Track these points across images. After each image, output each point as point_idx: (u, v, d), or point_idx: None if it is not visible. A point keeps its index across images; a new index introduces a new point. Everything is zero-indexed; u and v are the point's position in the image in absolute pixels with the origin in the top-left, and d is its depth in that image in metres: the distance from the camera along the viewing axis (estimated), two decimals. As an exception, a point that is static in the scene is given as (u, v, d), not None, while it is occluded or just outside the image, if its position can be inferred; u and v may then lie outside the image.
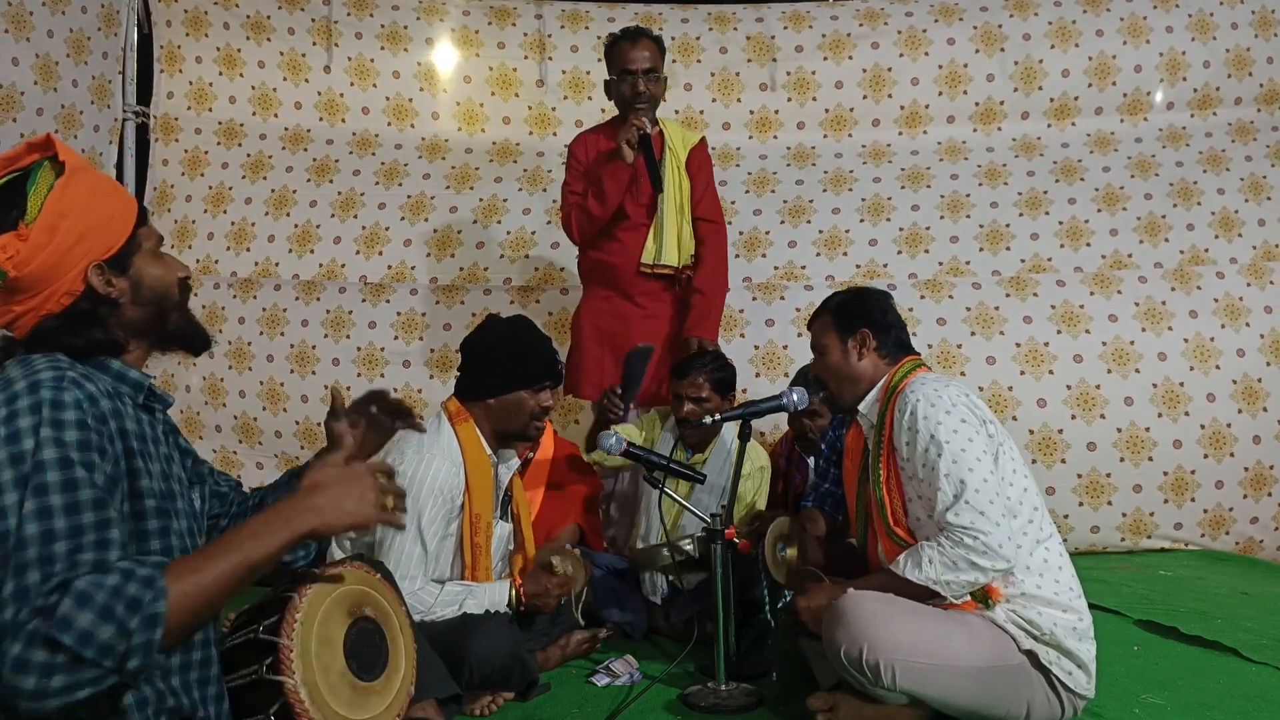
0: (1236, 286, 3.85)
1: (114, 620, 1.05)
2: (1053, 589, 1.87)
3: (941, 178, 4.22)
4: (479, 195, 4.25)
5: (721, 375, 2.85)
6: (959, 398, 1.96)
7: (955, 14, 4.33)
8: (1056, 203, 4.10)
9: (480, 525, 2.23)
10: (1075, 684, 1.84)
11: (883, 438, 2.02)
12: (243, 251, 4.13)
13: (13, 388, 1.15)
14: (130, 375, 1.30)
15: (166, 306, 1.34)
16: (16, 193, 1.22)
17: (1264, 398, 3.73)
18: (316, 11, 4.25)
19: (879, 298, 2.23)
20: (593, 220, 3.13)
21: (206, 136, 4.19)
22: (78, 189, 1.25)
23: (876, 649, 1.76)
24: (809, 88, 4.36)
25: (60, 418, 1.13)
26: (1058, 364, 3.80)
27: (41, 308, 1.24)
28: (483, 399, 2.28)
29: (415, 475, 2.15)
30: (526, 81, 4.36)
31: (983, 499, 1.84)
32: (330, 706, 1.27)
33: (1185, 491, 3.69)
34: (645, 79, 3.06)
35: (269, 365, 4.00)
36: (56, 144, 1.26)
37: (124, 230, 1.29)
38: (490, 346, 2.32)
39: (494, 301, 4.09)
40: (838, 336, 2.16)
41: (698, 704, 2.15)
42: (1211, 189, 4.05)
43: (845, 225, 4.15)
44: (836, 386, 2.19)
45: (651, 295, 3.18)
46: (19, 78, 3.35)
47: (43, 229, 1.21)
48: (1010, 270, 4.01)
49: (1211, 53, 4.20)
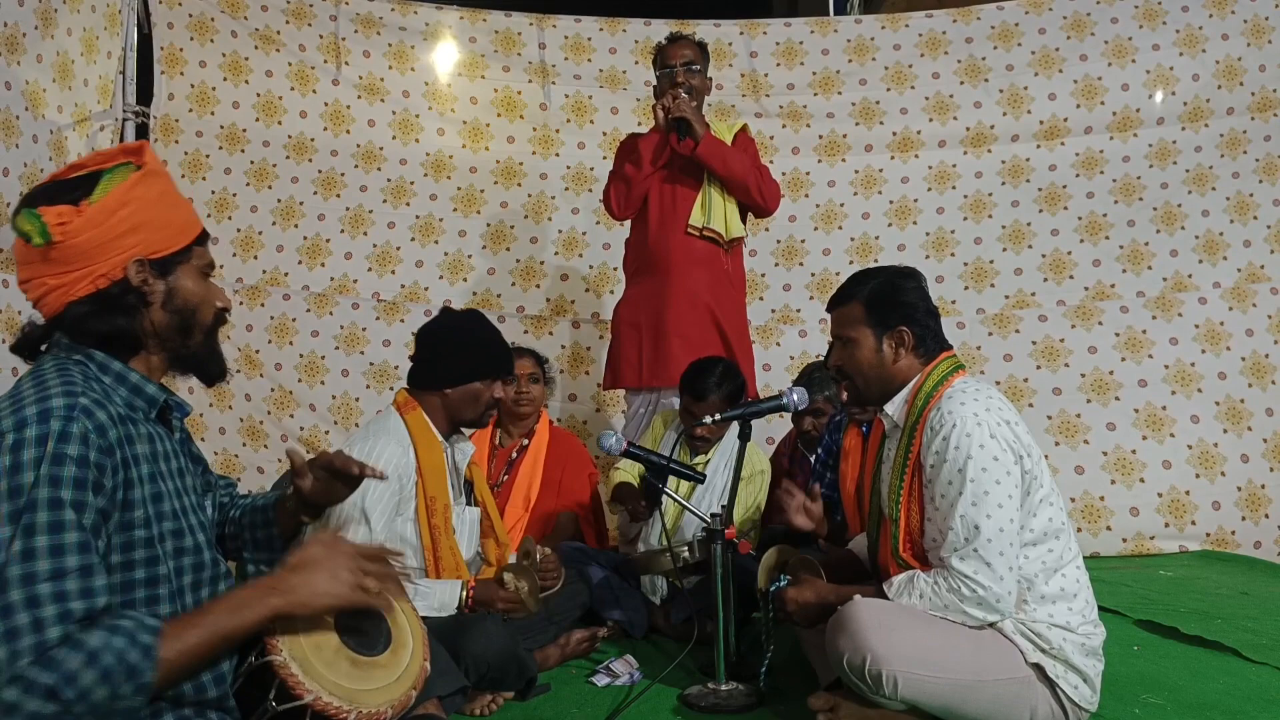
0: (1219, 311, 3.93)
1: (110, 684, 1.09)
2: (1065, 617, 1.82)
3: (928, 212, 4.30)
4: (486, 220, 4.34)
5: (733, 390, 2.85)
6: (998, 427, 1.81)
7: (941, 45, 4.42)
8: (1039, 235, 4.19)
9: (437, 508, 2.21)
10: (1080, 698, 1.82)
11: (910, 452, 1.90)
12: (250, 259, 4.18)
13: (23, 411, 1.16)
14: (147, 390, 1.31)
15: (193, 323, 1.36)
16: (93, 179, 1.27)
17: (1248, 418, 3.79)
18: (324, 28, 4.33)
19: (916, 286, 2.01)
20: (629, 184, 3.23)
21: (208, 140, 4.23)
22: (147, 188, 1.29)
23: (880, 659, 1.73)
24: (801, 117, 4.42)
25: (63, 452, 1.14)
26: (1038, 398, 3.89)
27: (74, 286, 1.25)
28: (440, 389, 2.30)
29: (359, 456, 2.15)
30: (530, 104, 4.45)
31: (993, 550, 1.75)
32: (327, 677, 1.26)
33: (1184, 514, 3.73)
34: (684, 70, 3.18)
35: (277, 373, 4.05)
36: (147, 151, 1.32)
37: (178, 240, 1.33)
38: (447, 338, 2.33)
39: (509, 330, 4.12)
40: (872, 331, 1.97)
41: (698, 704, 2.14)
42: (1196, 211, 4.11)
43: (836, 268, 4.24)
44: (863, 383, 2.01)
45: (687, 271, 3.19)
46: (41, 76, 3.39)
47: (100, 209, 1.24)
48: (994, 307, 4.11)
49: (1201, 65, 4.23)
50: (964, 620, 1.78)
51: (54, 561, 1.11)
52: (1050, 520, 1.85)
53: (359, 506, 2.10)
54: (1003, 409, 1.86)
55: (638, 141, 3.30)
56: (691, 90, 3.19)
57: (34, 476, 1.12)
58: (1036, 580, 1.82)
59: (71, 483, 1.14)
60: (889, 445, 2.04)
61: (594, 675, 2.36)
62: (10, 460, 1.13)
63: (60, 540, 1.12)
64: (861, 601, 1.85)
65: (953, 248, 4.22)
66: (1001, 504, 1.77)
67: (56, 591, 1.11)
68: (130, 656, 1.11)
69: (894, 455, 1.97)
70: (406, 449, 2.23)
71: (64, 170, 1.32)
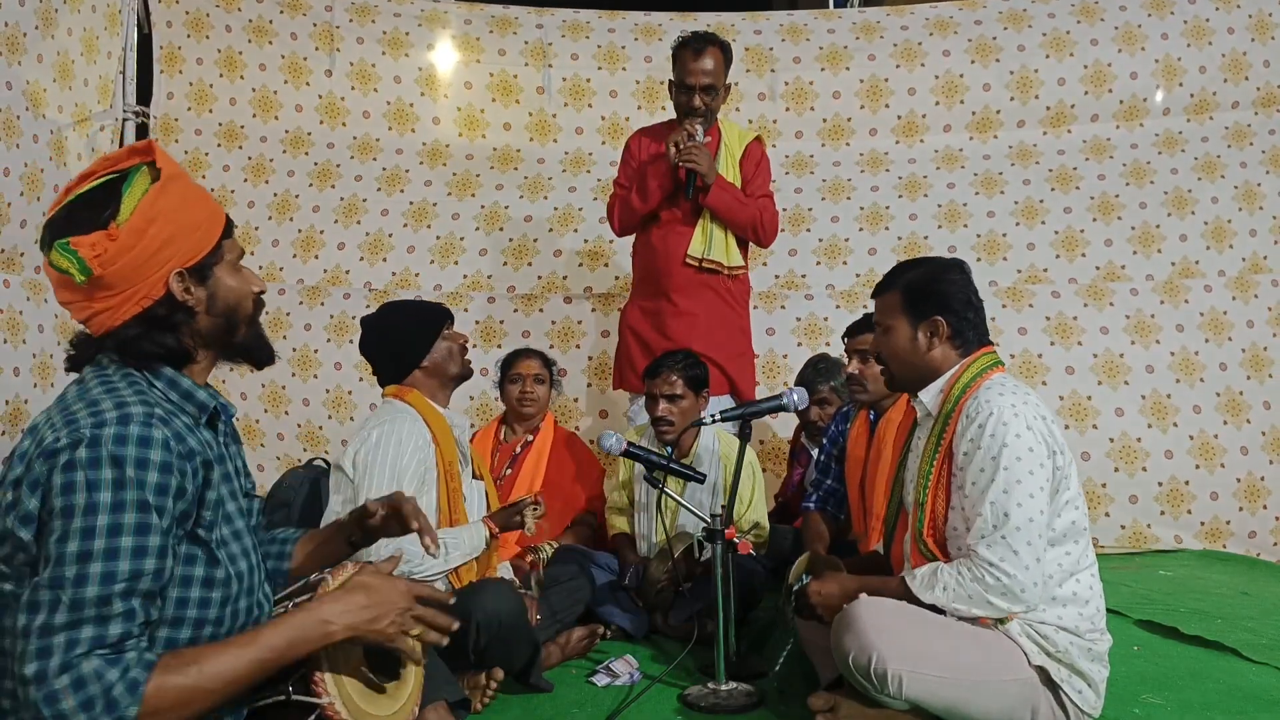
0: (1223, 300, 3.92)
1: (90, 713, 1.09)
2: (1074, 621, 1.82)
3: (938, 186, 4.26)
4: (480, 203, 4.27)
5: (694, 373, 2.88)
6: (1035, 420, 1.82)
7: (950, 27, 4.37)
8: (1053, 212, 4.15)
9: (454, 472, 2.30)
10: (1084, 702, 1.83)
11: (943, 439, 1.90)
12: (247, 256, 4.13)
13: (101, 411, 1.18)
14: (198, 396, 1.32)
15: (238, 319, 1.38)
16: (112, 193, 1.26)
17: (1246, 410, 3.79)
18: (319, 17, 4.27)
19: (958, 279, 1.98)
20: (632, 212, 3.20)
21: (207, 138, 4.20)
22: (170, 196, 1.28)
23: (885, 658, 1.74)
24: (806, 98, 4.38)
25: (146, 456, 1.16)
26: (1051, 375, 3.86)
27: (120, 308, 1.26)
28: (412, 371, 2.36)
29: (383, 434, 2.21)
30: (527, 88, 4.39)
31: (1020, 539, 1.74)
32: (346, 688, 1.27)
33: (1181, 503, 3.73)
34: (702, 94, 3.07)
35: (271, 368, 4.01)
36: (156, 150, 1.30)
37: (209, 240, 1.33)
38: (385, 333, 2.39)
39: (498, 309, 4.10)
40: (907, 319, 1.96)
41: (698, 704, 2.15)
42: (1206, 197, 4.08)
43: (845, 234, 4.19)
44: (898, 369, 2.01)
45: (688, 293, 3.17)
46: (42, 75, 3.37)
47: (132, 230, 1.23)
48: (1007, 281, 4.06)
49: (1207, 58, 4.23)
50: (987, 613, 1.78)
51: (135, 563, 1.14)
52: (1073, 523, 1.86)
53: (387, 475, 2.16)
54: (1039, 405, 1.87)
55: (645, 157, 3.22)
56: (709, 113, 3.11)
57: (119, 475, 1.14)
58: (1050, 582, 1.82)
59: (155, 488, 1.16)
60: (919, 434, 2.04)
61: (594, 675, 2.36)
62: (88, 455, 1.13)
63: (145, 542, 1.14)
64: (867, 601, 1.85)
65: (965, 220, 4.17)
66: (1033, 494, 1.77)
67: (127, 590, 1.13)
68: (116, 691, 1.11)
69: (923, 443, 1.97)
70: (419, 422, 2.29)
71: (74, 183, 1.30)
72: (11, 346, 3.08)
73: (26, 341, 3.16)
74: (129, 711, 1.10)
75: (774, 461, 3.91)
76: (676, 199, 3.16)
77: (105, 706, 1.09)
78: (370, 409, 3.98)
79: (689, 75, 3.07)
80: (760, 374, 3.83)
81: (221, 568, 1.27)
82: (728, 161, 3.21)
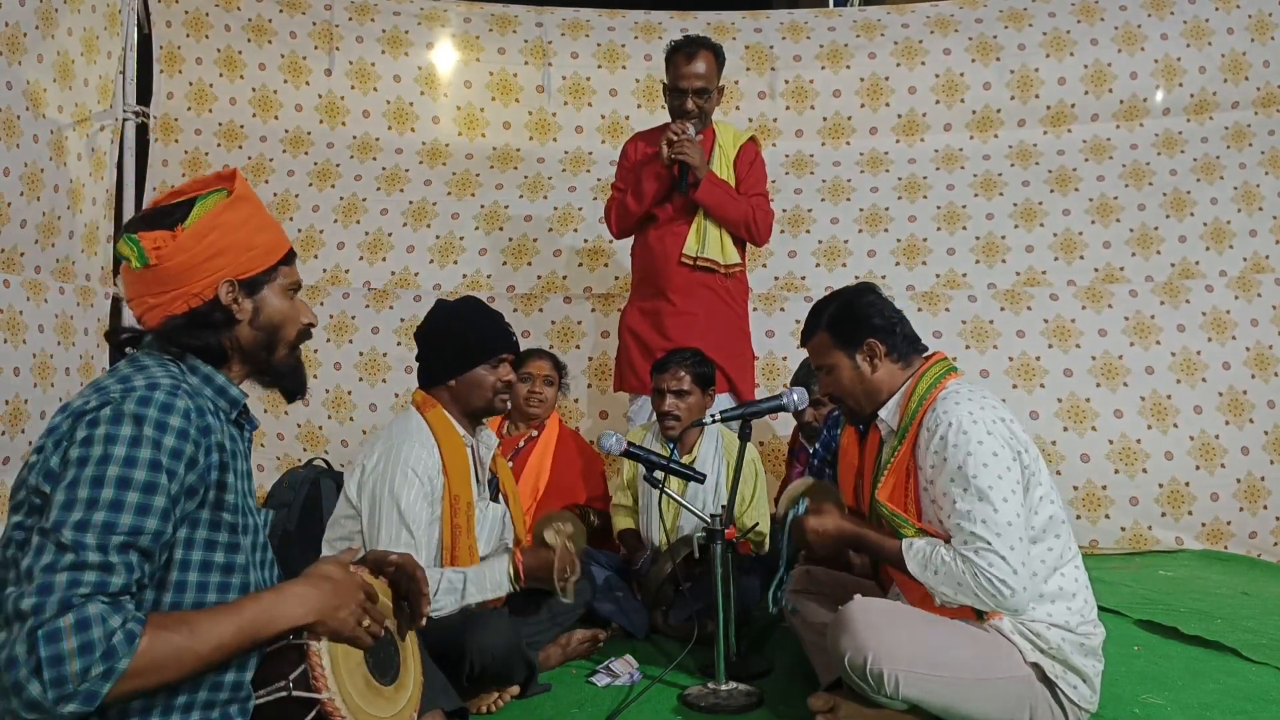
0: (1225, 300, 3.91)
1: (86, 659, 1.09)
2: (1064, 617, 1.82)
3: (938, 188, 4.25)
4: (480, 202, 4.27)
5: (702, 370, 2.90)
6: (994, 424, 1.83)
7: (951, 25, 4.37)
8: (1051, 214, 4.15)
9: (460, 506, 2.19)
10: (1080, 698, 1.83)
11: (902, 452, 1.92)
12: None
13: (132, 383, 1.26)
14: (230, 392, 1.40)
15: (277, 339, 1.46)
16: (189, 205, 1.38)
17: (1249, 410, 3.78)
18: (318, 16, 4.27)
19: (873, 299, 2.07)
20: (628, 214, 3.23)
21: (206, 138, 4.20)
22: (235, 213, 1.39)
23: (881, 658, 1.75)
24: (807, 96, 4.38)
25: (165, 421, 1.23)
26: (1049, 378, 3.86)
27: (171, 304, 1.36)
28: (444, 382, 2.28)
29: (389, 463, 2.14)
30: (527, 87, 4.39)
31: (1003, 544, 1.75)
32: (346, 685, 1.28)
33: (1181, 505, 3.72)
34: (694, 97, 3.10)
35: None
36: (238, 178, 1.43)
37: (265, 261, 1.43)
38: (440, 330, 2.31)
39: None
40: (844, 353, 2.03)
41: (698, 704, 2.15)
42: (1204, 198, 4.08)
43: (844, 236, 4.19)
44: (853, 402, 2.05)
45: (686, 293, 3.18)
46: (42, 76, 3.38)
47: (192, 234, 1.35)
48: (1006, 283, 4.06)
49: (1207, 58, 4.23)
50: (972, 602, 1.78)
51: (137, 518, 1.17)
52: (1050, 518, 1.87)
53: (395, 517, 2.10)
54: (997, 408, 1.88)
55: (640, 159, 3.24)
56: (702, 115, 3.13)
57: (136, 433, 1.19)
58: (1036, 580, 1.82)
59: (170, 451, 1.21)
60: (885, 450, 2.03)
61: (594, 675, 2.36)
62: (111, 413, 1.20)
63: (150, 501, 1.18)
64: (862, 602, 1.87)
65: (964, 221, 4.18)
66: (1006, 498, 1.78)
67: (124, 543, 1.16)
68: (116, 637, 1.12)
69: (885, 456, 1.99)
70: (431, 450, 2.20)
71: (165, 196, 1.44)
72: (11, 346, 3.08)
73: (26, 341, 3.16)
74: (121, 663, 1.10)
75: (774, 462, 3.91)
76: (671, 199, 3.18)
77: (103, 654, 1.09)
78: (370, 409, 3.99)
79: (681, 79, 3.11)
80: (760, 376, 3.82)
81: (242, 553, 1.32)
82: (722, 162, 3.22)
